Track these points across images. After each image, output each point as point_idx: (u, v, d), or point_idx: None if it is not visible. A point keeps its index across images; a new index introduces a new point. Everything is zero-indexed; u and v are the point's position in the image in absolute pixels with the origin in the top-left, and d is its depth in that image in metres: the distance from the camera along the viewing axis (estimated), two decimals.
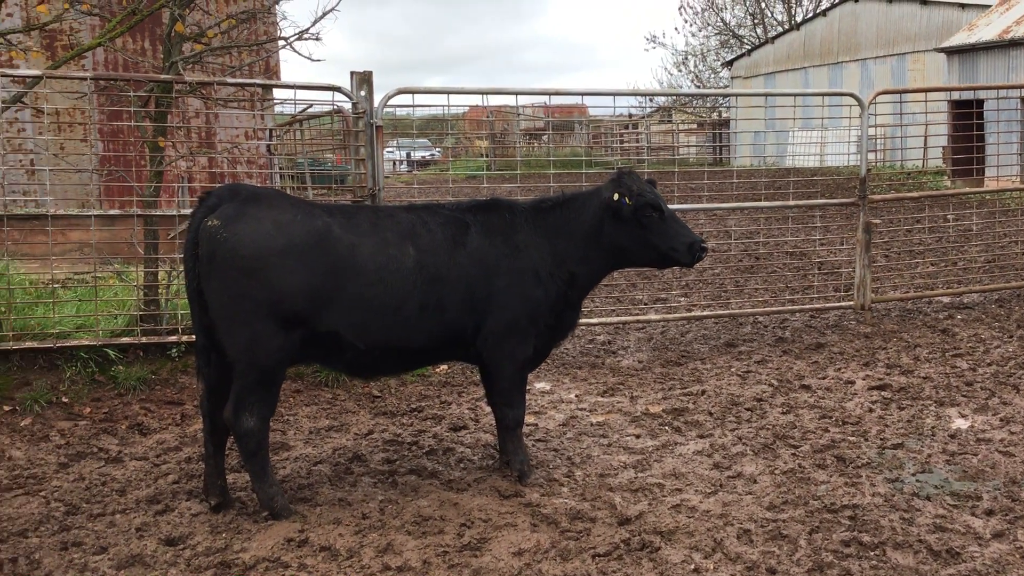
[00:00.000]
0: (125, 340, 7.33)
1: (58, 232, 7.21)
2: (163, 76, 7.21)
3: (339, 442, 6.45)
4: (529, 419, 6.86)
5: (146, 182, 7.71)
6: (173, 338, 7.45)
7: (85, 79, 7.27)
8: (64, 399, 6.96)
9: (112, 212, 7.57)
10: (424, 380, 7.96)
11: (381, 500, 5.32)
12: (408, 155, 36.75)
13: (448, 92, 8.30)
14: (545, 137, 29.89)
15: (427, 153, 36.34)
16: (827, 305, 10.03)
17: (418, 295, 5.25)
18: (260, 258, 4.89)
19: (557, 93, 8.68)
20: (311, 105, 8.91)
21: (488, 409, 6.89)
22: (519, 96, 8.66)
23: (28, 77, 7.16)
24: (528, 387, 7.07)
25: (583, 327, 9.18)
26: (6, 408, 6.79)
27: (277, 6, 8.78)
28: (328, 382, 7.70)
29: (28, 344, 7.07)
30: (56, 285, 8.02)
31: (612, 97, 9.50)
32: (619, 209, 5.61)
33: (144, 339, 7.37)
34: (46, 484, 5.64)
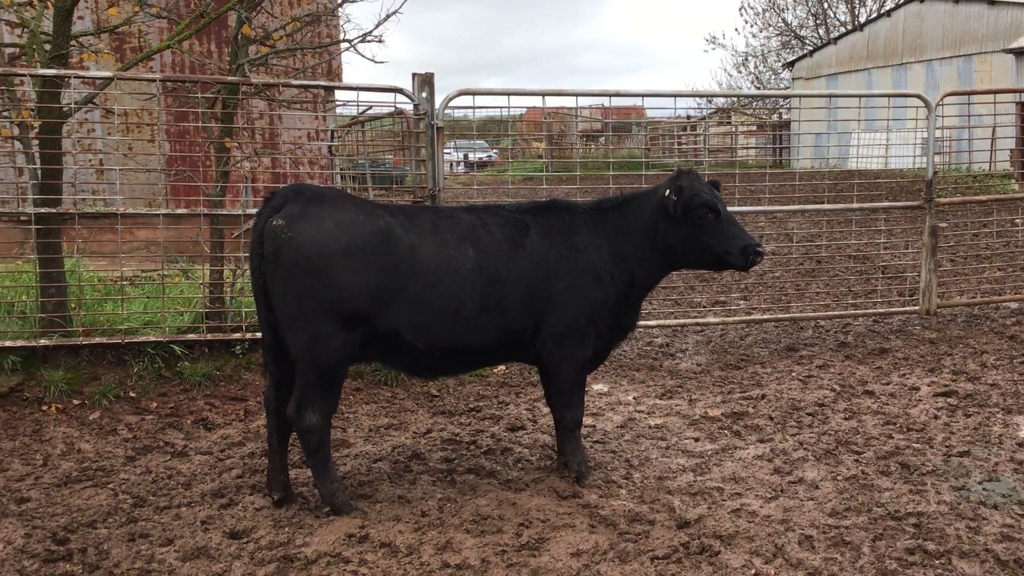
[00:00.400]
0: (191, 337, 7.48)
1: (126, 231, 7.37)
2: (230, 78, 7.34)
3: (398, 440, 6.51)
4: (587, 421, 6.85)
5: (212, 182, 7.87)
6: (237, 335, 7.58)
7: (154, 80, 7.44)
8: (131, 394, 7.13)
9: (179, 211, 7.71)
10: (482, 380, 7.99)
11: (440, 498, 5.35)
12: (465, 156, 36.92)
13: (508, 93, 8.32)
14: (602, 139, 29.81)
15: (484, 155, 36.47)
16: (891, 310, 9.86)
17: (478, 296, 5.27)
18: (323, 257, 4.95)
19: (617, 94, 8.64)
20: (371, 107, 9.01)
21: (546, 410, 6.91)
22: (579, 97, 8.65)
23: (99, 79, 7.33)
24: (586, 389, 7.08)
25: (641, 329, 9.13)
26: (76, 402, 6.97)
27: (340, 9, 8.87)
28: (387, 381, 7.78)
29: (97, 340, 7.24)
30: (124, 282, 8.21)
31: (672, 99, 9.45)
32: (668, 207, 5.57)
33: (209, 336, 7.51)
34: (114, 477, 5.78)
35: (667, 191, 5.60)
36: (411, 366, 5.46)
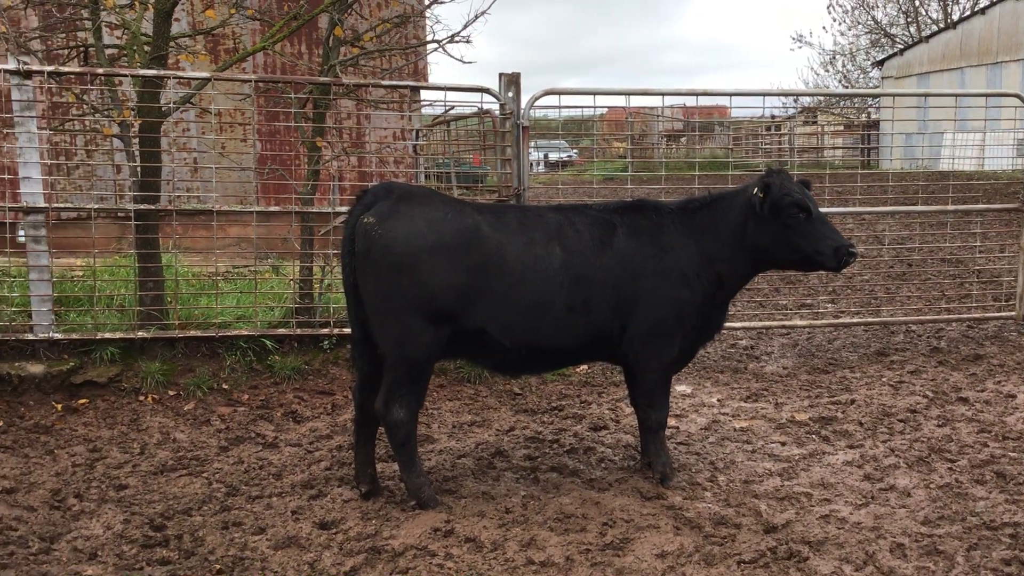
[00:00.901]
0: (281, 331, 7.65)
1: (219, 227, 7.58)
2: (322, 78, 7.49)
3: (481, 437, 6.56)
4: (671, 422, 6.81)
5: (302, 180, 8.03)
6: (325, 331, 7.73)
7: (249, 81, 7.62)
8: (224, 386, 7.32)
9: (272, 209, 7.90)
10: (564, 379, 8.00)
11: (524, 496, 5.38)
12: (546, 156, 36.93)
13: (594, 93, 8.31)
14: (684, 139, 29.52)
15: (564, 154, 36.42)
16: (986, 315, 9.57)
17: (565, 295, 5.28)
18: (412, 255, 5.02)
19: (705, 93, 8.55)
20: (453, 107, 9.08)
21: (629, 410, 6.89)
22: (665, 97, 8.59)
23: (197, 79, 7.55)
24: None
25: (725, 331, 9.02)
26: (171, 393, 7.19)
27: (429, 10, 8.98)
28: (470, 378, 7.84)
29: (192, 332, 7.46)
30: (218, 278, 8.44)
31: (762, 98, 9.33)
32: (755, 205, 5.50)
33: (299, 331, 7.67)
34: (208, 466, 5.95)
35: (755, 189, 5.53)
36: (497, 364, 5.50)
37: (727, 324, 8.16)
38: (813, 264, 5.67)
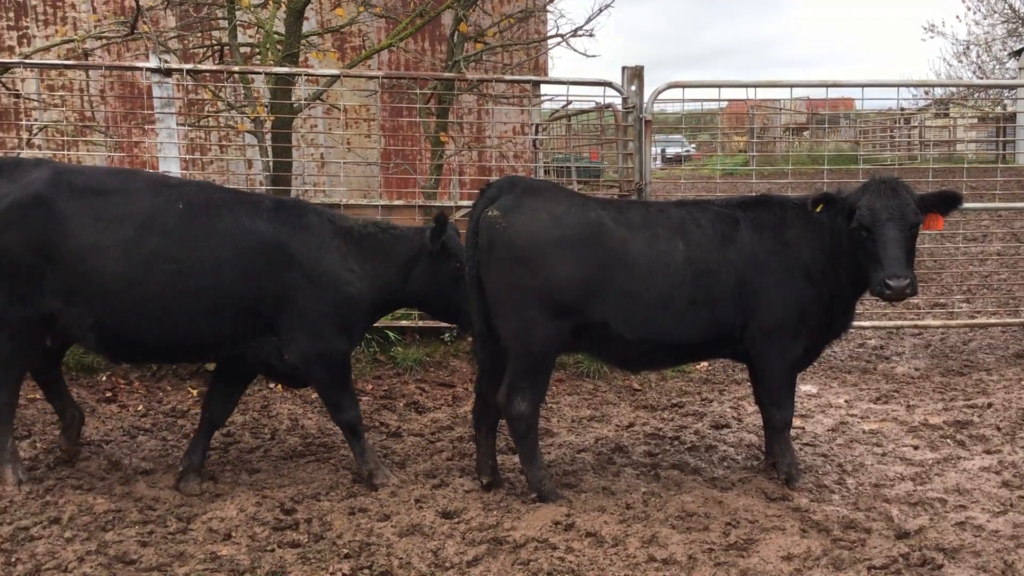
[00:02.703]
0: (404, 323, 7.80)
1: None
2: (447, 74, 7.58)
3: (600, 432, 6.54)
4: (796, 422, 6.65)
5: (426, 175, 8.16)
6: (446, 323, 7.82)
7: (377, 78, 7.79)
8: None
9: (397, 203, 8.04)
10: (684, 376, 7.91)
11: (644, 492, 5.34)
12: (663, 151, 36.55)
13: (719, 85, 8.18)
14: (807, 132, 28.75)
15: (681, 149, 35.98)
16: None
17: (687, 290, 5.22)
18: (535, 248, 5.04)
19: (835, 85, 8.29)
20: (572, 101, 9.07)
21: (751, 408, 6.77)
22: (792, 89, 8.38)
23: (326, 76, 7.75)
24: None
25: (853, 330, 8.72)
26: None
27: (552, 4, 9.00)
28: (590, 373, 7.83)
29: None
30: None
31: (895, 89, 8.99)
32: (819, 216, 5.34)
33: (420, 323, 7.79)
34: (334, 453, 6.10)
35: (816, 201, 5.33)
36: (619, 358, 5.48)
37: (856, 322, 7.93)
38: (866, 284, 5.34)
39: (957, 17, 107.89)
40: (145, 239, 5.02)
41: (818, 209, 5.33)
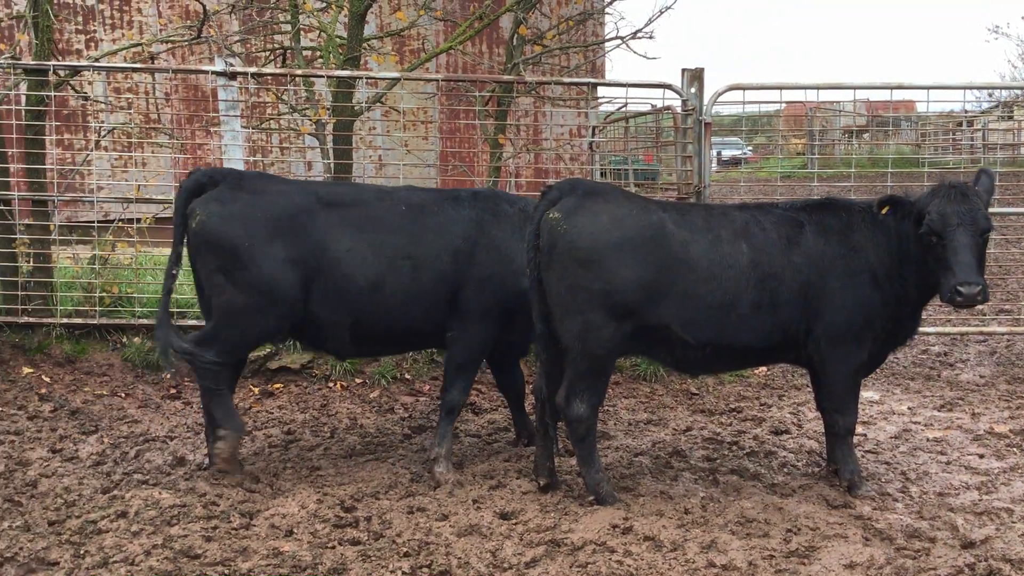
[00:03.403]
0: None
1: None
2: (505, 77, 7.61)
3: (658, 436, 6.51)
4: (858, 429, 6.56)
5: (483, 177, 8.20)
6: None
7: (436, 80, 7.84)
8: (407, 376, 7.58)
9: None
10: (743, 380, 7.84)
11: (703, 497, 5.30)
12: (719, 153, 36.26)
13: (780, 88, 8.09)
14: (866, 135, 28.29)
15: (738, 151, 35.66)
16: None
17: (751, 293, 5.18)
18: (596, 250, 5.04)
19: (900, 87, 8.14)
20: (627, 103, 9.04)
21: (812, 414, 6.70)
22: (856, 91, 8.27)
23: (387, 79, 7.82)
24: None
25: (916, 336, 8.62)
26: (358, 381, 7.50)
27: (611, 6, 9.00)
28: (646, 376, 7.80)
29: None
30: None
31: (960, 91, 8.82)
32: (885, 219, 5.29)
33: None
34: (393, 452, 6.16)
35: (882, 203, 5.28)
36: (680, 361, 5.45)
37: (920, 328, 7.80)
38: (933, 290, 5.31)
39: (1022, 18, 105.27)
40: (389, 241, 5.57)
41: (884, 211, 5.27)
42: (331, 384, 7.40)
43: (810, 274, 5.27)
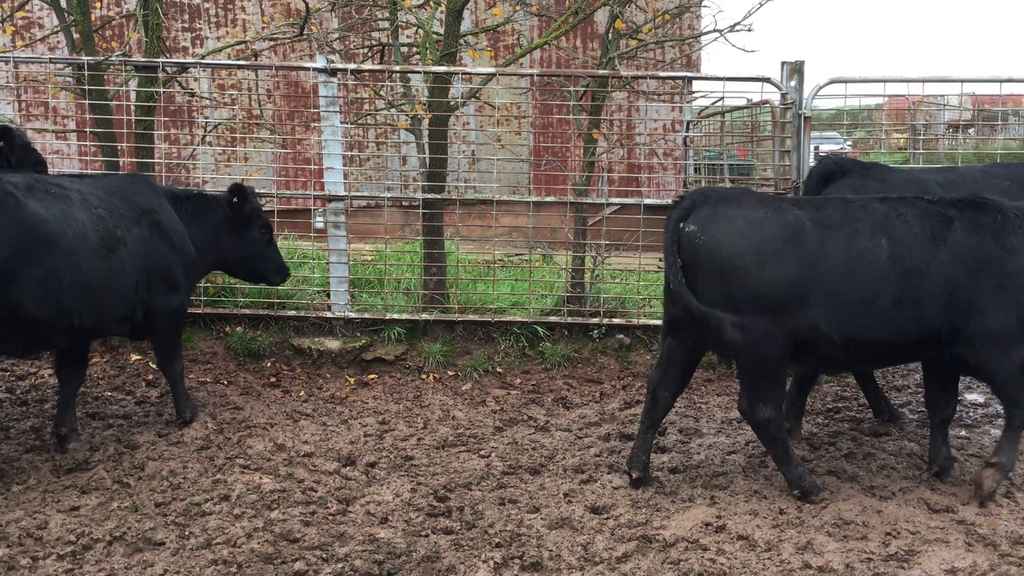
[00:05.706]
0: (552, 319, 7.86)
1: (492, 217, 7.89)
2: (601, 71, 7.60)
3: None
4: (961, 432, 6.39)
5: (577, 172, 8.20)
6: (595, 320, 7.86)
7: (531, 75, 7.88)
8: (498, 369, 7.64)
9: (548, 199, 8.12)
10: (840, 381, 7.68)
11: (798, 497, 5.22)
12: (816, 148, 35.46)
13: (884, 80, 7.87)
14: (972, 129, 27.30)
15: (836, 146, 34.83)
16: None
17: (892, 288, 5.06)
18: (737, 257, 5.00)
19: (1010, 80, 7.84)
20: (722, 97, 8.92)
21: (912, 416, 6.55)
22: (963, 84, 8.00)
23: (482, 75, 7.88)
24: (960, 397, 6.59)
25: None
26: (450, 373, 7.59)
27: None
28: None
29: (470, 317, 7.84)
30: (496, 264, 8.80)
31: None
32: None
33: (569, 319, 7.85)
34: (485, 444, 6.22)
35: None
36: (822, 360, 5.33)
37: None
38: None
39: None
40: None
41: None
42: (424, 376, 7.51)
43: (958, 271, 5.11)
